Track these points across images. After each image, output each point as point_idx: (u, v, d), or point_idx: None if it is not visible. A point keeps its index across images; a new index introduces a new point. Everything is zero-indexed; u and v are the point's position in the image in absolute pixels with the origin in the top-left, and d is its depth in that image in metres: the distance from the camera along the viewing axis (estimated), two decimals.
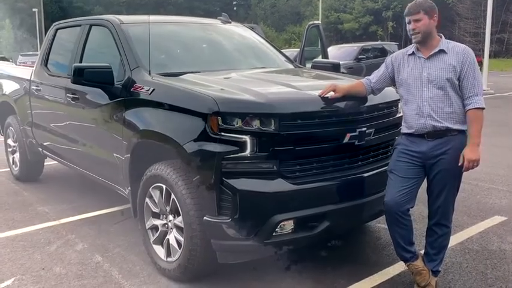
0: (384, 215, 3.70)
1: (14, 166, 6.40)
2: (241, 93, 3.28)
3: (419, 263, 3.29)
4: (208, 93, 3.22)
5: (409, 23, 3.13)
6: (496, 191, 5.58)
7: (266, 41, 5.32)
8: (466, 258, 3.84)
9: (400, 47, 23.37)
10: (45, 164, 6.43)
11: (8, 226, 4.71)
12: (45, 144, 5.52)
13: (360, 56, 17.74)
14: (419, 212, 4.40)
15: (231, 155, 3.03)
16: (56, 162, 6.16)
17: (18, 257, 4.00)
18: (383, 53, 20.44)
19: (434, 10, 3.12)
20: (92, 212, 5.05)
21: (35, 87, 5.47)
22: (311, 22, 5.92)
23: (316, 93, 3.33)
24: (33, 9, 50.00)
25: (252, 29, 5.57)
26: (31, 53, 41.57)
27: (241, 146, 3.03)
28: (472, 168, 3.07)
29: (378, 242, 4.21)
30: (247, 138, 3.02)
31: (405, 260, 3.33)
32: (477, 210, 4.92)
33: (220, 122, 3.05)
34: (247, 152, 3.03)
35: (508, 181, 5.94)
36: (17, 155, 6.25)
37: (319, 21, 6.00)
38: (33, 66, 5.79)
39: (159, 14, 4.44)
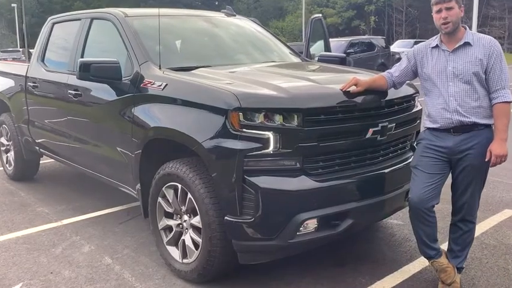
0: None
1: (7, 165, 6.18)
2: (262, 88, 3.16)
3: (443, 260, 3.22)
4: (228, 88, 3.09)
5: (439, 11, 3.02)
6: (502, 184, 5.57)
7: (272, 34, 5.20)
8: (485, 253, 3.80)
9: (386, 41, 23.51)
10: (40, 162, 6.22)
11: (8, 228, 4.53)
12: (42, 142, 5.32)
13: (348, 51, 17.70)
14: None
15: (254, 152, 2.91)
16: (52, 160, 5.99)
17: (23, 260, 3.83)
18: (370, 47, 20.52)
19: (461, 0, 3.04)
20: (94, 212, 4.89)
21: (31, 84, 5.26)
22: (313, 16, 5.81)
23: (338, 87, 3.23)
24: (12, 5, 48.94)
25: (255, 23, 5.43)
26: (11, 49, 40.87)
27: (264, 142, 2.91)
28: (500, 163, 3.01)
29: (393, 238, 4.14)
30: (270, 135, 2.91)
31: (429, 258, 3.26)
32: (486, 204, 4.88)
33: (241, 118, 2.94)
34: (270, 149, 2.92)
35: None
36: (11, 154, 6.03)
37: (321, 15, 5.88)
38: (13, 63, 5.56)
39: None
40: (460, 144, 3.05)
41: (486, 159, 3.02)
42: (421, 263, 3.60)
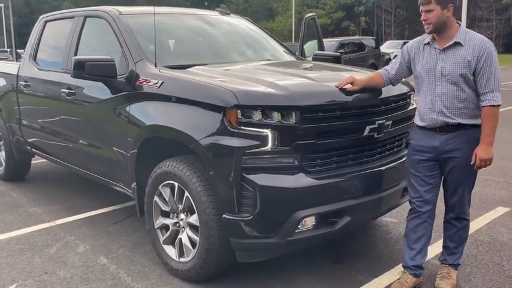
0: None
1: None
2: (260, 85, 3.15)
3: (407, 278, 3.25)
4: (225, 85, 3.08)
5: (422, 12, 3.03)
6: (494, 182, 5.62)
7: (266, 32, 5.19)
8: (480, 250, 3.82)
9: (376, 42, 23.61)
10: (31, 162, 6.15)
11: (0, 229, 4.47)
12: (34, 142, 5.26)
13: (339, 51, 17.72)
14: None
15: (252, 150, 2.91)
16: (43, 160, 5.93)
17: (17, 261, 3.79)
18: (361, 47, 20.62)
19: (448, 0, 2.96)
20: (87, 212, 4.85)
21: (23, 83, 5.20)
22: (307, 15, 5.82)
23: (334, 85, 3.23)
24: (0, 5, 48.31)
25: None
26: None
27: (262, 140, 2.90)
28: (485, 166, 2.98)
29: (388, 236, 4.16)
30: (268, 132, 2.90)
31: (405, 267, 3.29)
32: (479, 202, 4.92)
33: (239, 116, 2.93)
34: (268, 147, 2.91)
35: (504, 172, 6.01)
36: (2, 154, 5.96)
37: (314, 14, 5.89)
38: (4, 62, 5.48)
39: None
40: (446, 144, 3.03)
41: (471, 163, 2.99)
42: None
